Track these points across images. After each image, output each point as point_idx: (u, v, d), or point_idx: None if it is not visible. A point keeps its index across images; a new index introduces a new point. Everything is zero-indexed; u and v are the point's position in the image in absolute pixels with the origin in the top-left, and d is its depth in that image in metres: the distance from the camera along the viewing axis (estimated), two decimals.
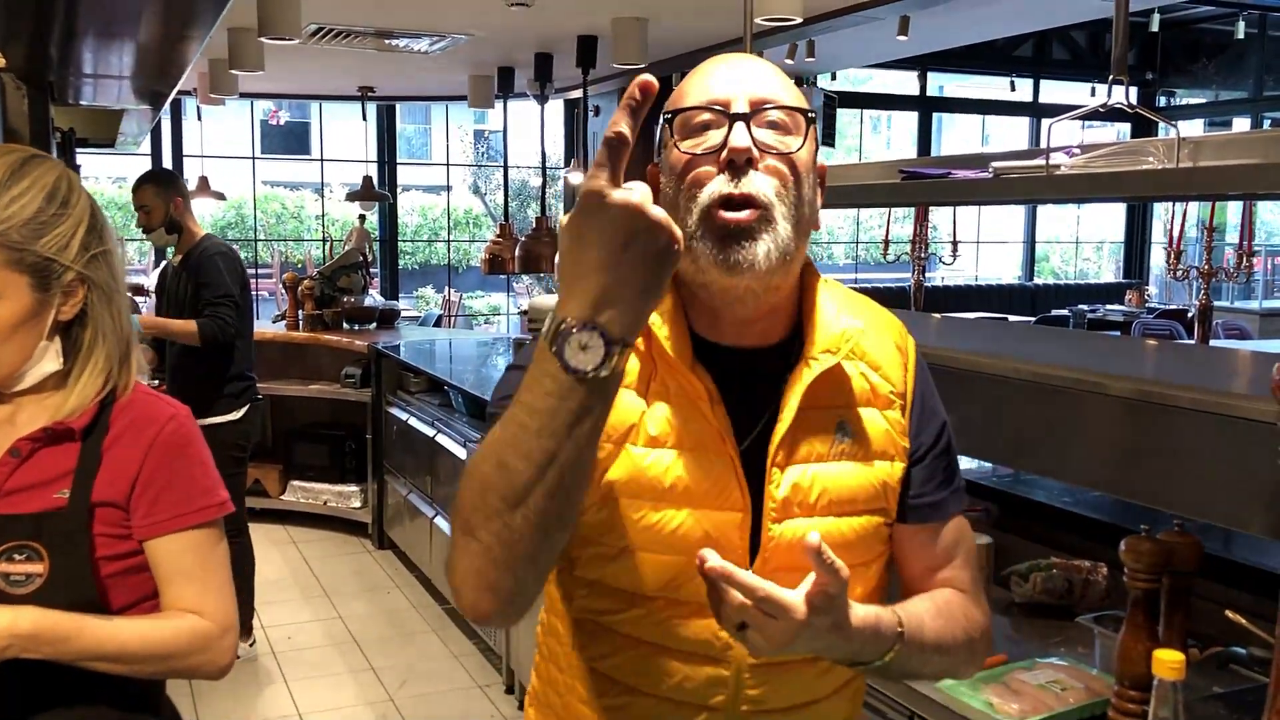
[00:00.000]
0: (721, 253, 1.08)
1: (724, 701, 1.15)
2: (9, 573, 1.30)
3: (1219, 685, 1.76)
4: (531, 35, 5.25)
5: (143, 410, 1.42)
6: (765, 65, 1.17)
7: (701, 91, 1.14)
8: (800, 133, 1.13)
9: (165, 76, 3.65)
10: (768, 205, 1.09)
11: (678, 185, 1.12)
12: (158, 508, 1.38)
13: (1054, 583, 2.14)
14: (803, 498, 1.13)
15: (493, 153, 17.85)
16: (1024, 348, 2.49)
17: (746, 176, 1.09)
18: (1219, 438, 1.58)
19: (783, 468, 1.13)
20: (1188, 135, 1.82)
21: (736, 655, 1.14)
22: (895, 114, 15.38)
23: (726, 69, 1.15)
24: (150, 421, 1.41)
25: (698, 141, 1.12)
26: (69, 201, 1.38)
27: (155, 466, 1.39)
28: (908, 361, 1.23)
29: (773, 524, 1.12)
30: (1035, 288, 12.01)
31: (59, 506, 1.33)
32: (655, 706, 1.17)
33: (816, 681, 1.19)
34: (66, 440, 1.38)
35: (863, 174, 2.85)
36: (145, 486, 1.38)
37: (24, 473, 1.36)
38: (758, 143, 1.10)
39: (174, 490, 1.39)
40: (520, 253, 5.32)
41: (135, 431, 1.40)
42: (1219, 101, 11.66)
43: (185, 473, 1.41)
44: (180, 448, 1.42)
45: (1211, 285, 5.19)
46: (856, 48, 6.62)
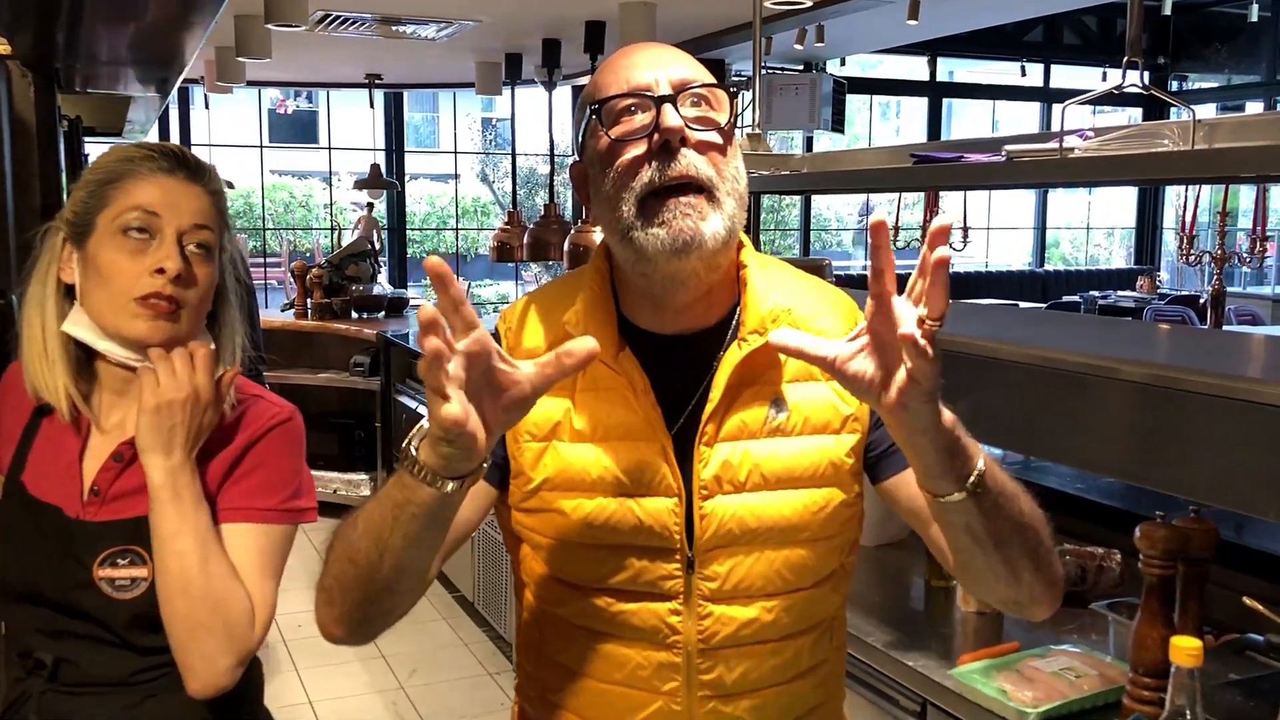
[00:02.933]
0: (669, 235, 1.08)
1: (678, 687, 1.16)
2: (114, 578, 1.29)
3: (1235, 672, 1.75)
4: (539, 21, 5.22)
5: (251, 410, 1.38)
6: (677, 51, 1.17)
7: (621, 80, 1.13)
8: (724, 108, 1.14)
9: (172, 63, 3.63)
10: (709, 181, 1.09)
11: (609, 175, 1.12)
12: (234, 494, 1.34)
13: (1067, 570, 2.12)
14: (732, 475, 1.13)
15: (500, 140, 17.82)
16: (1035, 333, 2.47)
17: (682, 157, 1.09)
18: (1235, 423, 1.56)
19: (711, 445, 1.13)
20: (1203, 118, 1.80)
21: (685, 640, 1.15)
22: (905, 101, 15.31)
23: (642, 56, 1.15)
24: (256, 420, 1.37)
25: (625, 129, 1.11)
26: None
27: (250, 458, 1.35)
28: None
29: (703, 502, 1.13)
30: (1046, 274, 11.96)
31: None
32: (613, 695, 1.18)
33: (770, 663, 1.18)
34: None
35: (873, 159, 2.82)
36: (235, 477, 1.34)
37: (126, 478, 1.33)
38: (686, 121, 1.09)
39: (256, 480, 1.35)
40: (528, 240, 5.30)
41: (239, 430, 1.36)
42: (1232, 85, 11.57)
43: (275, 466, 1.36)
44: (280, 443, 1.37)
45: (1224, 270, 5.16)
46: (866, 32, 6.57)
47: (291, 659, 4.18)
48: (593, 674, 1.19)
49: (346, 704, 3.81)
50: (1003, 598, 1.13)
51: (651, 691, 1.17)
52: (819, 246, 14.00)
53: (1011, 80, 11.87)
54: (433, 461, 0.95)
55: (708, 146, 1.11)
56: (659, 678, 1.16)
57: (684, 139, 1.09)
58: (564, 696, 1.22)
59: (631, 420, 1.14)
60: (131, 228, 1.29)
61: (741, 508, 1.14)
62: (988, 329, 2.39)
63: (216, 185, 1.37)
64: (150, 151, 1.34)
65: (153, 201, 1.30)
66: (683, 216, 1.08)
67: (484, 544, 4.29)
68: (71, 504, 1.32)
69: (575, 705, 1.21)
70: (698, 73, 1.14)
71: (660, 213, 1.08)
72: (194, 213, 1.32)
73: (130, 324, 1.29)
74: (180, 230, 1.30)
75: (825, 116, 6.34)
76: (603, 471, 1.14)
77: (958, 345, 2.09)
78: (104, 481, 1.33)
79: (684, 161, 1.09)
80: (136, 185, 1.30)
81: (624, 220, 1.10)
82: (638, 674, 1.17)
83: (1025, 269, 12.36)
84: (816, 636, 1.23)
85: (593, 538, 1.15)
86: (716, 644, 1.15)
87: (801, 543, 1.16)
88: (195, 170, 1.35)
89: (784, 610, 1.17)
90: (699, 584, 1.14)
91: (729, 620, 1.16)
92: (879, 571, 2.28)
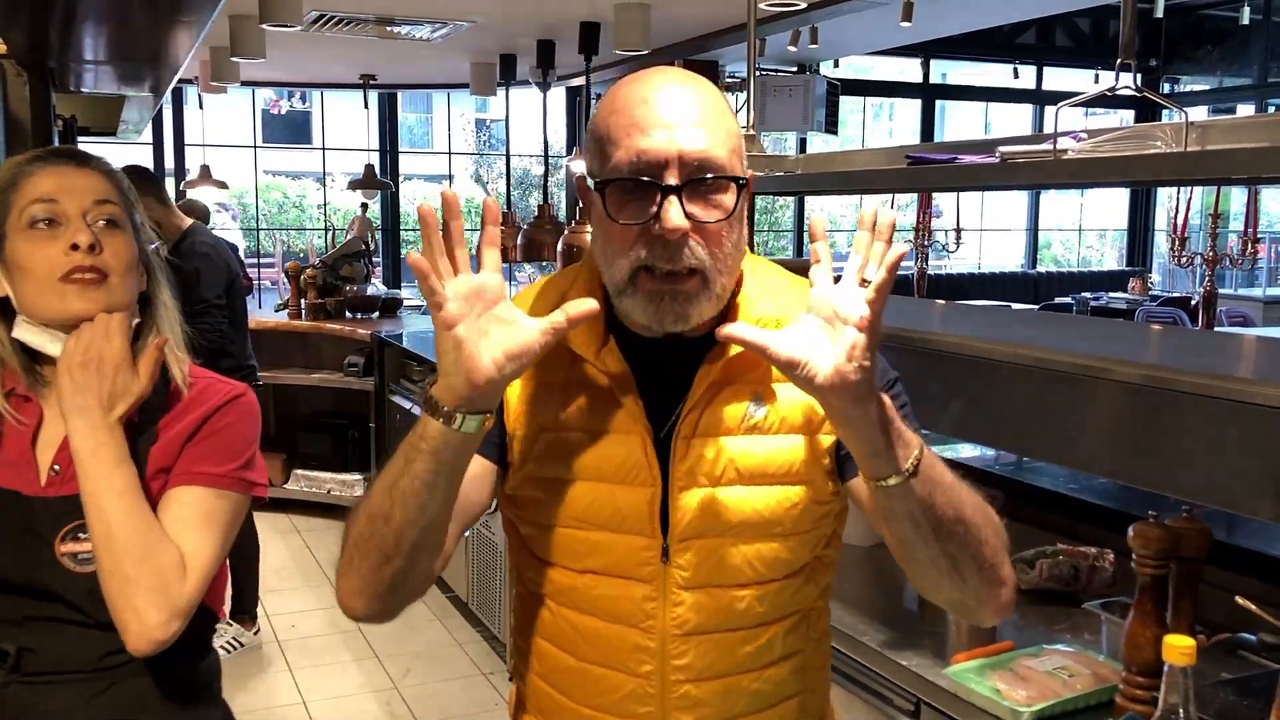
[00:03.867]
0: (656, 313, 1.12)
1: (653, 670, 1.21)
2: (75, 551, 1.31)
3: (1228, 671, 1.75)
4: (534, 22, 5.23)
5: (206, 389, 1.44)
6: (698, 102, 1.13)
7: (630, 145, 1.10)
8: (733, 191, 1.12)
9: (166, 62, 3.63)
10: (702, 269, 1.11)
11: (607, 243, 1.14)
12: (184, 460, 1.38)
13: (1060, 569, 2.13)
14: (709, 469, 1.18)
15: (495, 141, 17.81)
16: (1028, 333, 2.48)
17: (680, 250, 1.09)
18: (1227, 423, 1.57)
19: (689, 440, 1.18)
20: (1195, 119, 1.81)
21: (659, 625, 1.20)
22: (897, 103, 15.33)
23: (660, 113, 1.10)
24: (209, 398, 1.43)
25: (626, 203, 1.11)
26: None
27: (204, 429, 1.40)
28: None
29: (679, 493, 1.18)
30: (1038, 275, 11.98)
31: None
32: (593, 675, 1.24)
33: (742, 650, 1.22)
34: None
35: (868, 160, 2.83)
36: (188, 448, 1.39)
37: None
38: (690, 215, 1.09)
39: (206, 447, 1.39)
40: (522, 241, 5.30)
41: (193, 406, 1.41)
42: (1223, 88, 11.62)
43: (227, 437, 1.41)
44: (233, 416, 1.42)
45: (1215, 272, 5.18)
46: (859, 34, 6.58)
47: (285, 658, 4.17)
48: (573, 653, 1.25)
49: (340, 704, 3.81)
50: (949, 598, 1.16)
51: (628, 673, 1.22)
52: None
53: (1004, 82, 11.90)
54: (444, 396, 1.02)
55: (710, 232, 1.11)
56: (634, 660, 1.21)
57: (685, 234, 1.09)
58: (548, 674, 1.28)
59: (613, 413, 1.18)
60: (38, 220, 1.35)
61: (716, 500, 1.18)
62: (980, 329, 2.40)
63: (108, 167, 1.44)
64: (36, 153, 1.43)
65: (49, 190, 1.36)
66: (671, 302, 1.12)
67: (477, 545, 4.29)
68: (31, 486, 1.35)
69: (558, 683, 1.27)
70: (715, 145, 1.11)
71: (650, 291, 1.12)
72: (91, 190, 1.38)
73: (63, 305, 1.35)
74: (83, 210, 1.37)
75: (819, 118, 6.35)
76: (585, 460, 1.19)
77: (950, 346, 2.10)
78: (63, 460, 1.35)
79: (682, 254, 1.10)
80: (30, 182, 1.37)
81: (614, 281, 1.14)
82: (615, 655, 1.22)
83: (1018, 270, 12.39)
84: (790, 625, 1.25)
85: (573, 523, 1.20)
86: (689, 630, 1.20)
87: (774, 536, 1.20)
88: (82, 159, 1.43)
89: (756, 600, 1.21)
90: (673, 572, 1.19)
91: (701, 608, 1.20)
92: (873, 571, 2.28)
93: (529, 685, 1.33)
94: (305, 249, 10.85)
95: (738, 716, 1.24)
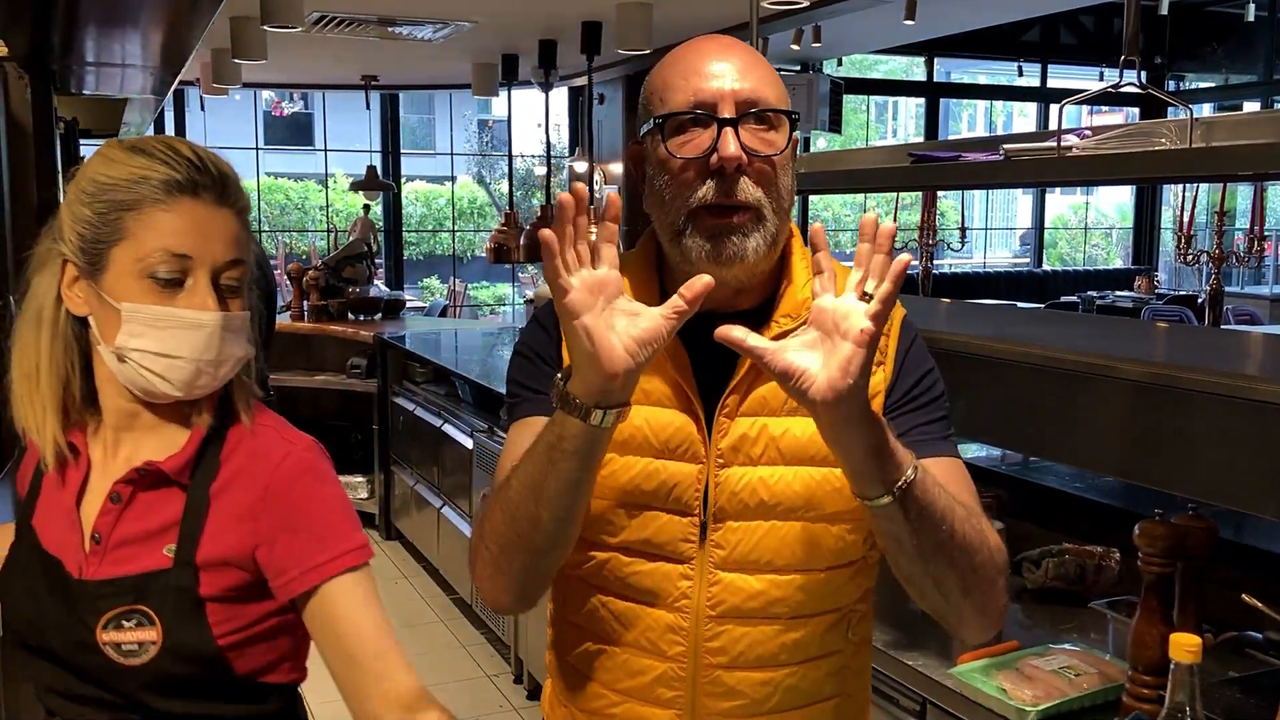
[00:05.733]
0: (714, 249, 1.15)
1: (684, 653, 1.20)
2: (120, 642, 1.15)
3: (1234, 670, 1.75)
4: (535, 22, 5.23)
5: (257, 446, 1.21)
6: (748, 55, 1.20)
7: (688, 87, 1.17)
8: (784, 129, 1.18)
9: (168, 65, 3.63)
10: (757, 205, 1.15)
11: (665, 180, 1.18)
12: (288, 559, 1.17)
13: (1066, 569, 2.12)
14: (749, 447, 1.18)
15: (497, 142, 17.83)
16: (1034, 331, 2.47)
17: (737, 182, 1.14)
18: (1233, 421, 1.56)
19: (732, 418, 1.18)
20: (1200, 116, 1.80)
21: (694, 605, 1.19)
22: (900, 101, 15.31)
23: (714, 63, 1.17)
24: (264, 459, 1.20)
25: (685, 140, 1.16)
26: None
27: (275, 515, 1.18)
28: (892, 336, 1.23)
29: (719, 470, 1.18)
30: (1043, 274, 11.96)
31: (163, 566, 1.16)
32: (621, 657, 1.22)
33: (777, 641, 1.20)
34: (165, 484, 1.19)
35: (872, 158, 2.82)
36: (268, 541, 1.18)
37: (128, 522, 1.19)
38: (745, 147, 1.14)
39: (300, 537, 1.18)
40: (525, 241, 5.31)
41: (247, 475, 1.19)
42: (1229, 85, 11.59)
43: (309, 515, 1.20)
44: (302, 488, 1.20)
45: (1222, 270, 5.17)
46: (863, 32, 6.58)
47: None
48: (604, 635, 1.24)
49: (344, 706, 3.79)
50: (933, 607, 1.17)
51: (657, 655, 1.20)
52: None
53: (1008, 80, 11.89)
54: (581, 390, 1.04)
55: (763, 170, 1.16)
56: (665, 641, 1.20)
57: (740, 165, 1.14)
58: (578, 658, 1.27)
59: (666, 388, 1.19)
60: (158, 276, 1.13)
61: (755, 479, 1.18)
62: (987, 328, 2.39)
63: (244, 201, 1.21)
64: (167, 157, 1.15)
65: (182, 242, 1.13)
66: (729, 235, 1.15)
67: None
68: (73, 555, 1.19)
69: (587, 667, 1.26)
70: (764, 89, 1.17)
71: (709, 227, 1.15)
72: (225, 242, 1.16)
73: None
74: (214, 268, 1.15)
75: (822, 117, 6.35)
76: (634, 432, 1.18)
77: (957, 344, 2.09)
78: (104, 526, 1.19)
79: (739, 186, 1.15)
80: (159, 217, 1.13)
81: (675, 225, 1.17)
82: (645, 635, 1.21)
83: (1023, 269, 12.37)
84: (831, 623, 1.23)
85: (617, 495, 1.20)
86: (723, 612, 1.18)
87: (812, 520, 1.18)
88: (222, 187, 1.17)
89: (795, 588, 1.19)
90: (710, 550, 1.18)
91: (737, 589, 1.19)
92: (879, 571, 2.27)
93: (560, 671, 1.31)
94: (308, 251, 10.86)
95: (770, 711, 1.22)
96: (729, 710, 1.20)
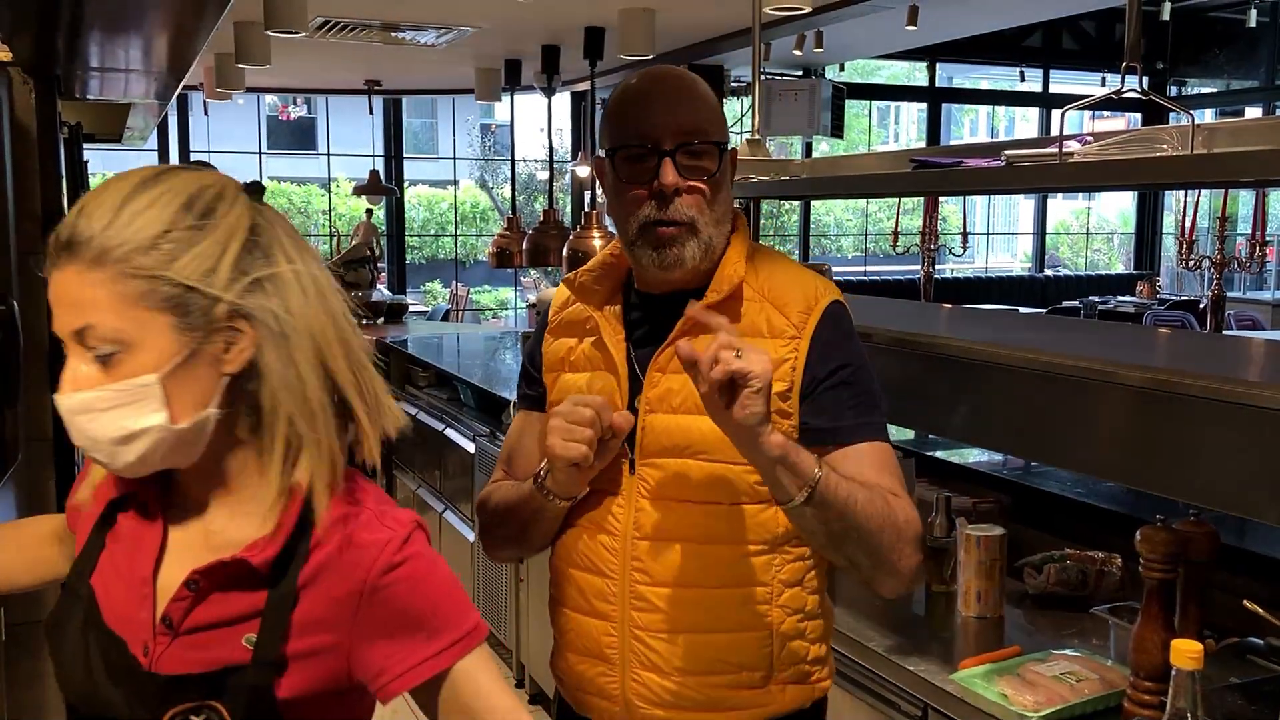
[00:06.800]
0: (659, 257, 1.41)
1: (616, 569, 1.42)
2: None
3: (1236, 676, 1.75)
4: (538, 27, 5.23)
5: (355, 531, 1.06)
6: (689, 91, 1.43)
7: (634, 120, 1.41)
8: (716, 156, 1.41)
9: (172, 69, 3.63)
10: (691, 221, 1.39)
11: (619, 203, 1.43)
12: (392, 659, 1.05)
13: (1068, 574, 2.12)
14: (672, 398, 1.40)
15: (499, 146, 17.85)
16: (1036, 337, 2.47)
17: (673, 203, 1.38)
18: (1235, 427, 1.56)
19: (662, 373, 1.41)
20: (1202, 122, 1.80)
21: (624, 529, 1.42)
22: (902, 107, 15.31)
23: (657, 100, 1.42)
24: (362, 550, 1.05)
25: (631, 168, 1.41)
26: (213, 212, 1.01)
27: (375, 613, 1.05)
28: (812, 313, 1.42)
29: (646, 416, 1.41)
30: (1045, 279, 11.96)
31: (242, 661, 1.02)
32: (575, 581, 1.47)
33: (694, 563, 1.39)
34: (246, 574, 1.03)
35: (873, 164, 2.83)
36: (367, 640, 1.05)
37: (204, 609, 1.04)
38: (682, 171, 1.38)
39: (409, 634, 1.06)
40: (527, 246, 5.30)
41: (345, 565, 1.04)
42: (1230, 91, 11.59)
43: (419, 610, 1.06)
44: (406, 586, 1.05)
45: (1224, 275, 5.17)
46: (865, 38, 6.58)
47: None
48: (565, 560, 1.49)
49: None
50: (853, 574, 1.40)
51: (596, 573, 1.44)
52: (818, 252, 14.01)
53: (1010, 86, 11.90)
54: (551, 485, 1.40)
55: (696, 192, 1.40)
56: (601, 559, 1.44)
57: (677, 190, 1.38)
58: (553, 586, 1.54)
59: (607, 355, 1.45)
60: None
61: (674, 424, 1.40)
62: (988, 333, 2.39)
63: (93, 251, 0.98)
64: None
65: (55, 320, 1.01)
66: (669, 246, 1.40)
67: (483, 551, 4.28)
68: (140, 634, 1.05)
69: (557, 591, 1.52)
70: (700, 121, 1.40)
71: (654, 239, 1.40)
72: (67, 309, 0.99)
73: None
74: (73, 339, 0.99)
75: (824, 122, 6.35)
76: (581, 391, 1.45)
77: (957, 350, 2.09)
78: (176, 612, 1.04)
79: (674, 206, 1.39)
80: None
81: (628, 237, 1.43)
82: (588, 557, 1.45)
83: (1024, 274, 12.37)
84: (742, 555, 1.40)
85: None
86: (645, 534, 1.41)
87: (723, 461, 1.37)
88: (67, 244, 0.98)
89: (707, 516, 1.40)
90: (638, 484, 1.42)
91: (660, 517, 1.41)
92: None
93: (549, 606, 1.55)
94: None
95: (686, 629, 1.40)
96: (650, 623, 1.40)
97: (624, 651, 1.42)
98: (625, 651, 1.42)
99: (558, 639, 1.53)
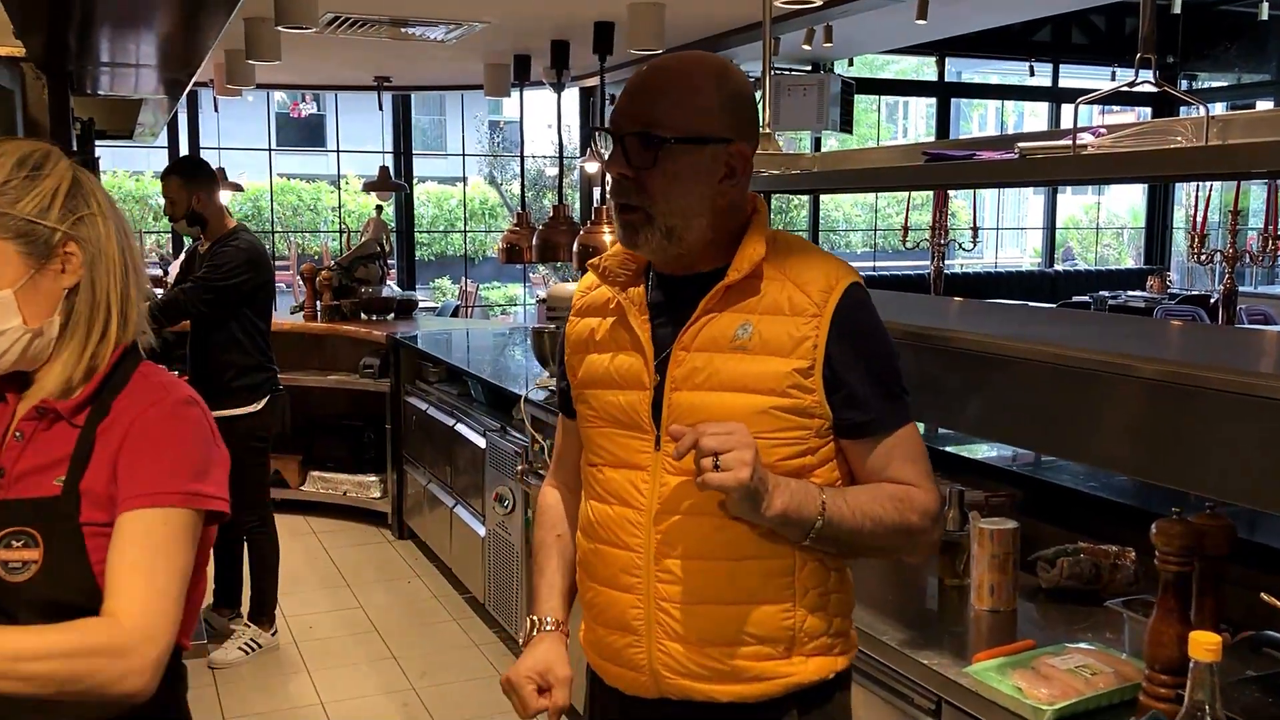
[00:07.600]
0: (623, 235, 1.47)
1: (641, 544, 1.46)
2: (7, 560, 1.27)
3: (1253, 669, 1.74)
4: (547, 22, 5.23)
5: (142, 391, 1.35)
6: (667, 83, 1.43)
7: (618, 104, 1.46)
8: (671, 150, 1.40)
9: (184, 65, 3.64)
10: (641, 207, 1.42)
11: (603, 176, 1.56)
12: (121, 485, 1.28)
13: (1081, 568, 2.12)
14: (697, 376, 1.44)
15: (508, 143, 17.84)
16: (1048, 330, 2.46)
17: (620, 186, 1.43)
18: (1250, 419, 1.56)
19: (687, 351, 1.45)
20: (1216, 114, 1.79)
21: (648, 504, 1.46)
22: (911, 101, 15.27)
23: (632, 89, 1.45)
24: (144, 401, 1.33)
25: (609, 154, 1.45)
26: (42, 167, 1.33)
27: (133, 444, 1.30)
28: (833, 292, 1.44)
29: (672, 393, 1.45)
30: (1055, 274, 11.92)
31: (53, 494, 1.29)
32: (600, 555, 1.52)
33: (716, 538, 1.43)
34: (60, 421, 1.33)
35: (885, 157, 2.82)
36: (123, 468, 1.29)
37: (29, 455, 1.32)
38: (632, 158, 1.41)
39: (141, 468, 1.29)
40: (537, 242, 5.30)
41: (128, 414, 1.32)
42: (1241, 84, 11.53)
43: (158, 451, 1.30)
44: (162, 424, 1.32)
45: (1235, 270, 5.14)
46: (874, 32, 6.57)
47: (303, 660, 4.18)
48: (591, 535, 1.54)
49: (357, 705, 3.81)
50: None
51: (623, 547, 1.48)
52: (827, 247, 13.99)
53: (1019, 80, 11.85)
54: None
55: (644, 180, 1.42)
56: (626, 533, 1.48)
57: (623, 174, 1.42)
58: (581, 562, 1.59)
59: (630, 335, 1.49)
60: None
61: (700, 401, 1.43)
62: (1000, 327, 2.38)
63: None
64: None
65: None
66: (624, 228, 1.45)
67: (494, 545, 4.29)
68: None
69: (585, 566, 1.57)
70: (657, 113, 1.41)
71: (618, 220, 1.46)
72: None
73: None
74: None
75: (833, 117, 6.34)
76: (606, 369, 1.51)
77: (968, 343, 2.08)
78: (8, 460, 1.32)
79: (622, 190, 1.44)
80: None
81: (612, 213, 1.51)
82: (614, 532, 1.49)
83: (1034, 269, 12.33)
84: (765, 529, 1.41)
85: (596, 423, 1.53)
86: (669, 508, 1.44)
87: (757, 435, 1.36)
88: None
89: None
90: (662, 459, 1.45)
91: (684, 491, 1.43)
92: (892, 571, 2.27)
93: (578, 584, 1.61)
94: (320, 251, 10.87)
95: (709, 601, 1.44)
96: (675, 595, 1.44)
97: (649, 623, 1.46)
98: (651, 623, 1.46)
99: (586, 612, 1.58)
